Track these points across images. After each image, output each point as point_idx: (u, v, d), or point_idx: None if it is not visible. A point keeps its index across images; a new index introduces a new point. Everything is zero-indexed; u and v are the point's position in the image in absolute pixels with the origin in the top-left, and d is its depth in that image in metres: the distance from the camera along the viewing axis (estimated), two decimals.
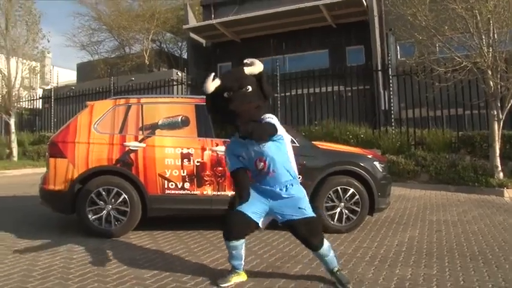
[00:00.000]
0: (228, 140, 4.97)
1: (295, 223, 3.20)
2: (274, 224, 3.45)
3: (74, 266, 3.76)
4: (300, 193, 3.27)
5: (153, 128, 5.07)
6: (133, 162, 4.87)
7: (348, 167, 5.15)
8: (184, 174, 4.91)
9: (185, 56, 27.61)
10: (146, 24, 24.73)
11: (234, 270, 3.40)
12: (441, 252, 4.23)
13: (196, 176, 4.91)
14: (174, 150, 4.92)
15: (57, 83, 25.60)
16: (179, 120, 5.10)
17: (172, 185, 4.90)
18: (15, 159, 14.13)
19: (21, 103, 15.13)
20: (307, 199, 3.31)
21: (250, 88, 3.07)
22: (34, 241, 4.64)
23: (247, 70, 3.11)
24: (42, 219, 5.68)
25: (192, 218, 5.33)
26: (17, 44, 13.66)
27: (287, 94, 13.04)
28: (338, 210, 5.06)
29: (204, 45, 23.76)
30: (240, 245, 3.29)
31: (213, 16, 22.04)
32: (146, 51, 25.49)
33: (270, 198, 3.24)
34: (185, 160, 4.91)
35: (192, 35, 22.70)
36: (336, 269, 3.29)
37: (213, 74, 3.12)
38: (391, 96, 11.55)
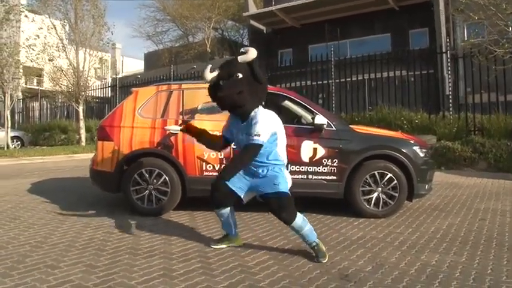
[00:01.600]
0: None
1: (268, 197, 3.48)
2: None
3: (112, 240, 4.06)
4: (278, 173, 3.50)
5: (192, 112, 5.27)
6: (173, 145, 5.11)
7: (385, 151, 5.05)
8: (222, 156, 5.07)
9: (246, 43, 27.91)
10: (207, 13, 25.24)
11: (226, 235, 3.86)
12: (477, 240, 4.06)
13: None
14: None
15: (122, 72, 26.90)
16: None
17: (210, 167, 5.09)
18: (83, 144, 15.18)
19: (89, 92, 16.11)
20: (283, 178, 3.51)
21: (240, 75, 3.33)
22: (84, 217, 5.04)
23: (241, 58, 3.35)
24: (96, 198, 6.12)
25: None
26: (84, 36, 14.58)
27: (347, 80, 12.76)
28: (375, 195, 4.99)
29: (264, 31, 23.81)
30: (226, 213, 3.69)
31: (273, 2, 21.99)
32: (208, 39, 26.10)
33: (251, 177, 3.55)
34: None
35: (252, 22, 22.84)
36: (314, 243, 3.49)
37: (209, 65, 3.49)
38: (449, 80, 10.93)
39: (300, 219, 3.45)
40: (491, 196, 6.42)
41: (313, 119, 4.99)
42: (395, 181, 4.97)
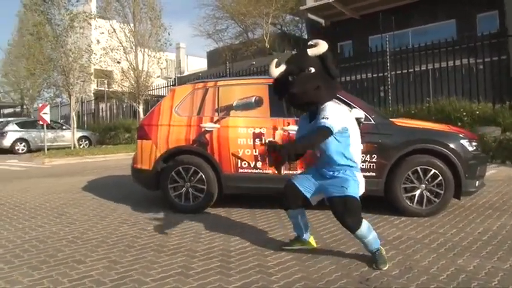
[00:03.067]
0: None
1: (335, 200, 3.18)
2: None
3: (143, 237, 4.15)
4: (349, 176, 3.18)
5: (228, 109, 5.25)
6: (208, 142, 5.12)
7: (428, 145, 4.71)
8: (257, 153, 5.01)
9: (306, 37, 27.57)
10: (265, 9, 25.23)
11: (297, 237, 3.63)
12: None
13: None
14: (247, 130, 5.04)
15: (187, 71, 27.63)
16: (253, 100, 5.19)
17: (245, 164, 5.04)
18: None
19: (150, 91, 16.72)
20: (355, 182, 3.18)
21: (312, 69, 3.09)
22: (124, 214, 5.21)
23: (311, 51, 3.12)
24: (143, 196, 6.29)
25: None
26: (142, 38, 15.14)
27: (404, 71, 12.11)
28: (418, 192, 4.68)
29: (323, 24, 23.36)
30: (296, 214, 3.46)
31: None
32: (266, 35, 26.09)
33: (319, 178, 3.31)
34: (257, 139, 5.00)
35: (310, 15, 22.48)
36: (376, 250, 3.20)
37: (275, 60, 3.24)
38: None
39: (365, 227, 3.17)
40: None
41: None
42: (440, 177, 4.63)
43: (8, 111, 35.25)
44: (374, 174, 4.76)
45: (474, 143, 4.87)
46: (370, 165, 4.77)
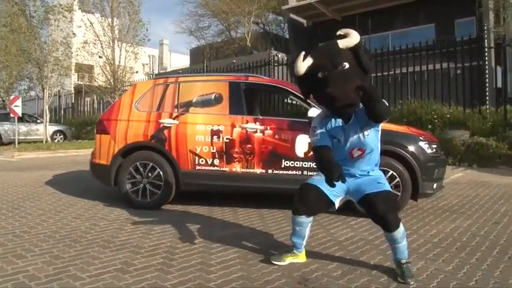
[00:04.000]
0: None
1: (373, 197, 2.85)
2: None
3: (93, 232, 4.05)
4: (381, 172, 3.10)
5: (187, 105, 5.17)
6: (166, 138, 5.03)
7: (386, 146, 4.68)
8: (214, 150, 4.93)
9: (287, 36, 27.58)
10: (248, 7, 25.15)
11: (292, 249, 3.20)
12: (478, 247, 3.63)
13: (226, 153, 4.91)
14: (205, 127, 4.96)
15: (170, 68, 27.41)
16: (212, 97, 5.12)
17: (202, 161, 4.96)
18: None
19: (126, 87, 16.50)
20: (385, 179, 3.09)
21: (347, 65, 2.73)
22: (79, 208, 5.10)
23: (342, 43, 2.78)
24: (100, 190, 6.13)
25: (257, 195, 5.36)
26: (120, 33, 14.95)
27: (379, 74, 12.15)
28: None
29: (305, 25, 23.39)
30: (308, 222, 3.09)
31: None
32: (248, 33, 26.03)
33: (350, 177, 2.93)
34: (215, 137, 4.93)
35: (292, 15, 22.50)
36: (404, 261, 2.93)
37: (303, 52, 2.86)
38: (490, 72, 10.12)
39: (402, 229, 2.90)
40: None
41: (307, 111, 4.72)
42: (398, 179, 4.62)
43: None
44: None
45: (434, 145, 4.87)
46: None
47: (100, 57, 15.62)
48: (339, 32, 2.83)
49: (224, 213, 4.84)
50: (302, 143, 4.76)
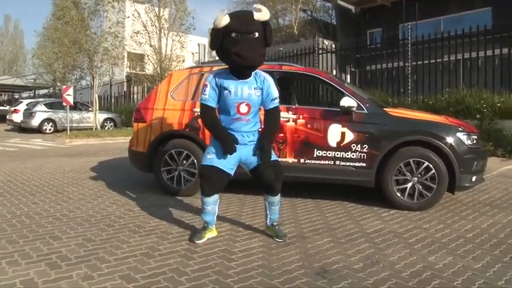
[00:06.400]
0: None
1: (263, 167, 3.38)
2: None
3: (126, 217, 4.22)
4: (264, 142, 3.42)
5: None
6: (200, 127, 5.10)
7: (422, 137, 4.54)
8: None
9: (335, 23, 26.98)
10: None
11: (207, 226, 3.54)
12: None
13: None
14: None
15: (214, 57, 27.58)
16: None
17: None
18: None
19: None
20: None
21: (257, 34, 3.16)
22: (117, 194, 5.32)
23: (256, 16, 3.18)
24: (140, 177, 6.34)
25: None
26: (167, 22, 15.24)
27: (425, 62, 11.64)
28: (409, 185, 4.54)
29: (353, 11, 22.80)
30: (216, 200, 3.49)
31: None
32: (295, 21, 25.73)
33: (239, 146, 3.33)
34: None
35: (340, 1, 21.97)
36: (276, 222, 3.61)
37: (226, 11, 3.23)
38: None
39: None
40: None
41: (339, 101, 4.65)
42: (433, 171, 4.46)
43: (44, 91, 36.42)
44: (364, 164, 4.64)
45: (473, 137, 4.66)
46: (360, 156, 4.65)
47: (151, 46, 16.00)
48: (255, 5, 3.40)
49: (256, 202, 4.87)
50: (334, 133, 4.69)
